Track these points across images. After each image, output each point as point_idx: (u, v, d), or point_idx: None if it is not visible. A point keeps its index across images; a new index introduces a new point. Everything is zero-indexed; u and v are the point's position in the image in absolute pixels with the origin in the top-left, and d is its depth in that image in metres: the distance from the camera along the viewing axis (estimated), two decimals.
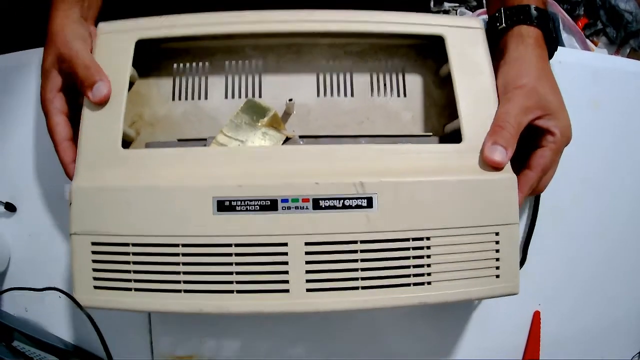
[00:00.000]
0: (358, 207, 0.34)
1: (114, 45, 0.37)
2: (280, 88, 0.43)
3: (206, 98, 0.42)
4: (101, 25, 0.37)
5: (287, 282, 0.34)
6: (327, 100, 0.43)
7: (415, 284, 0.35)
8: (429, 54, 0.43)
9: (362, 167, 0.35)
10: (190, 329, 0.45)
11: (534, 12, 0.38)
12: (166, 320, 0.45)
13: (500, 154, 0.34)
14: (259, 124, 0.38)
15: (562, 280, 0.47)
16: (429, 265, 0.35)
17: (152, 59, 0.41)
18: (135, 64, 0.38)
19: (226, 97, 0.42)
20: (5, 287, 0.46)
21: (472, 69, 0.38)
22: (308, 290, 0.34)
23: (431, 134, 0.41)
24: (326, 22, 0.38)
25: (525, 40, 0.38)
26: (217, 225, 0.33)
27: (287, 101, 0.40)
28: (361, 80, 0.43)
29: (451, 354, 0.47)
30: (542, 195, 0.45)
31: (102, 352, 0.39)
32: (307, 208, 0.33)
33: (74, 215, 0.33)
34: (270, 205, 0.33)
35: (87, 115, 0.35)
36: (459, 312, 0.46)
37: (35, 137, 0.46)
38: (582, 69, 0.47)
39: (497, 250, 0.35)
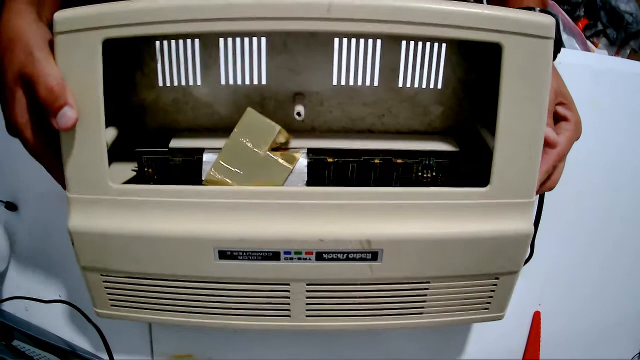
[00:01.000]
0: (362, 259, 0.35)
1: (76, 49, 0.31)
2: (289, 72, 0.37)
3: (199, 83, 0.37)
4: (57, 18, 0.30)
5: (288, 310, 0.37)
6: (345, 89, 0.38)
7: (408, 314, 0.38)
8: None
9: (370, 219, 0.34)
10: (190, 329, 0.48)
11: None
12: None
13: (554, 134, 0.36)
14: (261, 149, 0.34)
15: (562, 280, 0.50)
16: (423, 301, 0.38)
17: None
18: (107, 44, 0.32)
19: (222, 82, 0.37)
20: (5, 286, 0.48)
21: (527, 94, 0.32)
22: (308, 316, 0.38)
23: (457, 149, 0.37)
24: (353, 20, 0.30)
25: None
26: (219, 269, 0.35)
27: (295, 115, 0.35)
28: (388, 65, 0.37)
29: (451, 354, 0.51)
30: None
31: (102, 351, 0.42)
32: (310, 259, 0.34)
33: (79, 253, 0.35)
34: (272, 256, 0.34)
35: (66, 143, 0.32)
36: None
37: None
38: (582, 70, 0.47)
39: (493, 290, 0.38)
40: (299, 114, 0.36)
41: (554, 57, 0.39)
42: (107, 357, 0.44)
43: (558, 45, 0.40)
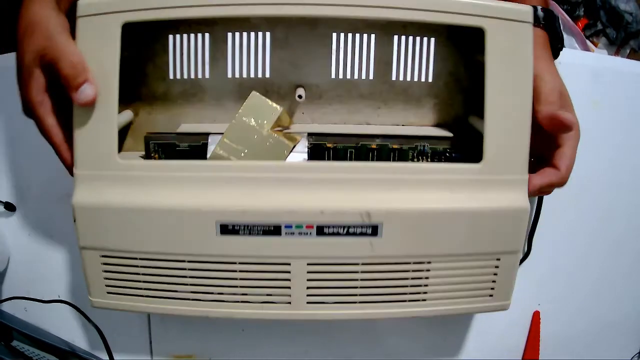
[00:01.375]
0: (363, 234, 0.35)
1: (97, 31, 0.34)
2: (290, 65, 0.40)
3: (207, 76, 0.40)
4: (81, 3, 0.33)
5: (289, 295, 0.38)
6: (342, 82, 0.41)
7: (410, 300, 0.38)
8: (467, 32, 0.38)
9: (370, 192, 0.36)
10: (190, 329, 0.49)
11: (540, 13, 0.40)
12: (165, 319, 0.48)
13: (572, 116, 0.37)
14: (264, 128, 0.36)
15: (562, 280, 0.50)
16: (426, 285, 0.38)
17: (143, 29, 0.38)
18: (124, 36, 0.35)
19: (229, 75, 0.40)
20: (4, 286, 0.48)
21: (510, 74, 0.35)
22: (308, 302, 0.38)
23: (451, 135, 0.40)
24: (346, 6, 0.34)
25: (535, 40, 0.38)
26: (220, 246, 0.36)
27: (297, 97, 0.38)
28: (382, 59, 0.40)
29: (451, 354, 0.51)
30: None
31: (101, 350, 0.42)
32: (310, 234, 0.35)
33: (80, 231, 0.36)
34: (274, 230, 0.35)
35: (79, 119, 0.34)
36: None
37: (35, 136, 0.44)
38: (582, 70, 0.48)
39: (495, 274, 0.39)
40: (300, 96, 0.39)
41: (557, 56, 0.42)
42: (107, 357, 0.44)
43: (561, 44, 0.42)
